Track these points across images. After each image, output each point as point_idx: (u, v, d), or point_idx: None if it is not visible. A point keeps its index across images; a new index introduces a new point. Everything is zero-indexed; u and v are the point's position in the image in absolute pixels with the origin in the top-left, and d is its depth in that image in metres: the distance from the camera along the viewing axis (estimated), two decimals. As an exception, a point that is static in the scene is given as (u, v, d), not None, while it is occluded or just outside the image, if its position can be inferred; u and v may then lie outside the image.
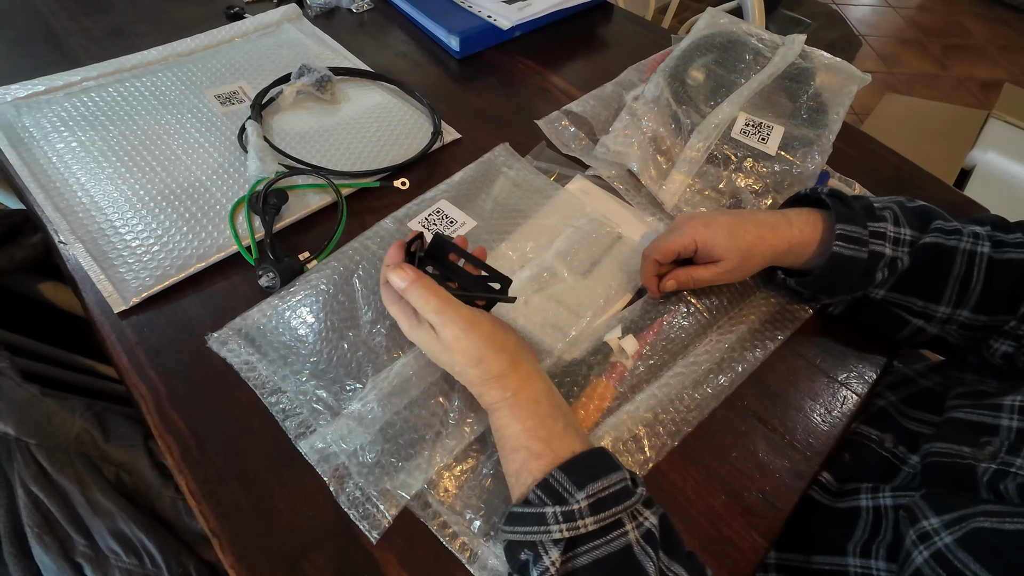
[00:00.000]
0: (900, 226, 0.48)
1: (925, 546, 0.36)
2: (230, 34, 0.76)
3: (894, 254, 0.47)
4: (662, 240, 0.51)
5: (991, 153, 1.56)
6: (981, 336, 0.48)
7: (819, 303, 0.54)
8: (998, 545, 0.33)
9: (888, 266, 0.48)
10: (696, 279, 0.51)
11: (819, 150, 0.62)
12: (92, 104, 0.64)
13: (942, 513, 0.37)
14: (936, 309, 0.48)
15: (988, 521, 0.35)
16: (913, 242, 0.48)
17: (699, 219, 0.51)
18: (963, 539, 0.34)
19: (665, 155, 0.63)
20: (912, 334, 0.50)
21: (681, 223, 0.51)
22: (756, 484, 0.45)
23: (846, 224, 0.47)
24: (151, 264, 0.51)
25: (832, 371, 0.52)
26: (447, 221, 0.58)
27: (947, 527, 0.36)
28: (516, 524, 0.36)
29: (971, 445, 0.41)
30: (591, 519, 0.34)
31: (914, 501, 0.39)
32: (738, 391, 0.50)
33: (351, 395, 0.46)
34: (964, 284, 0.46)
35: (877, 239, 0.47)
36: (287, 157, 0.60)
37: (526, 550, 0.35)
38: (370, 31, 0.82)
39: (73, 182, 0.56)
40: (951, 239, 0.47)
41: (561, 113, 0.69)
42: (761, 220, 0.50)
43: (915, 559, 0.36)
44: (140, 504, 0.46)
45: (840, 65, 0.69)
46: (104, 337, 0.48)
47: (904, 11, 2.70)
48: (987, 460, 0.39)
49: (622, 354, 0.50)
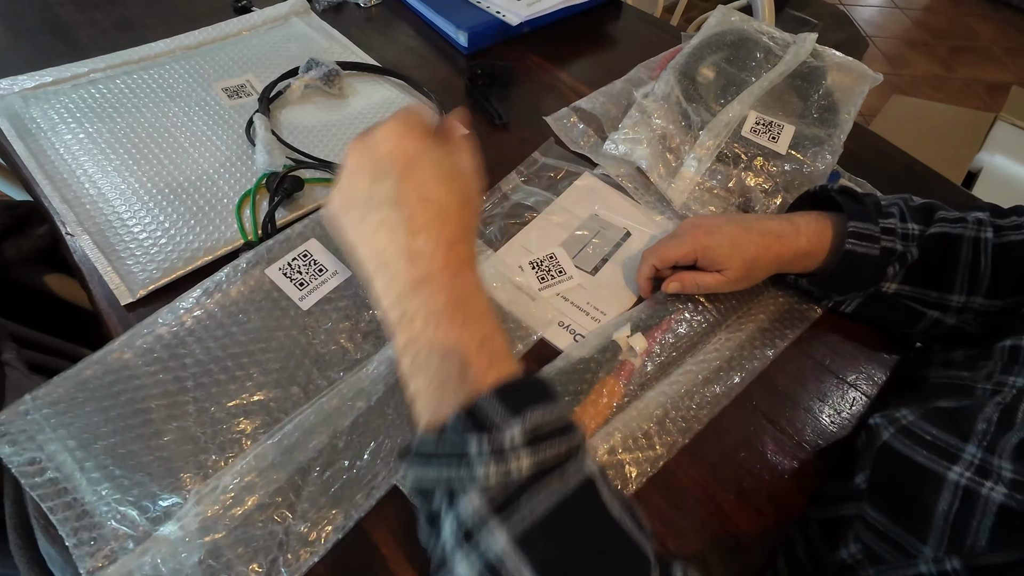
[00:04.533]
0: (907, 221, 0.48)
1: (893, 426, 0.39)
2: (238, 27, 0.75)
3: (904, 249, 0.47)
4: (663, 246, 0.51)
5: (998, 156, 1.55)
6: (1000, 322, 0.47)
7: (831, 301, 0.53)
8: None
9: (898, 260, 0.48)
10: (700, 285, 0.51)
11: (830, 149, 0.61)
12: (99, 96, 0.64)
13: (915, 408, 0.40)
14: (950, 298, 0.48)
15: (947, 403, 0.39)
16: (920, 235, 0.48)
17: (703, 228, 0.50)
18: (924, 414, 0.38)
19: (674, 153, 0.62)
20: (929, 326, 0.50)
21: (685, 230, 0.51)
22: (765, 485, 0.45)
23: (859, 221, 0.47)
24: (159, 257, 0.51)
25: (841, 372, 0.52)
26: (315, 268, 0.51)
27: (913, 412, 0.39)
28: (426, 459, 0.28)
29: (970, 369, 0.43)
30: (528, 460, 0.26)
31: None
32: (746, 391, 0.49)
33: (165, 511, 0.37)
34: (973, 270, 0.46)
35: (888, 235, 0.47)
36: (294, 151, 0.60)
37: (439, 492, 0.28)
38: (378, 26, 0.81)
39: (80, 173, 0.56)
40: (956, 227, 0.47)
41: (570, 110, 0.69)
42: (767, 229, 0.50)
43: (882, 435, 0.39)
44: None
45: (852, 64, 0.68)
46: (111, 329, 0.48)
47: (911, 12, 2.69)
48: (983, 382, 0.41)
49: (631, 352, 0.49)
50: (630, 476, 0.43)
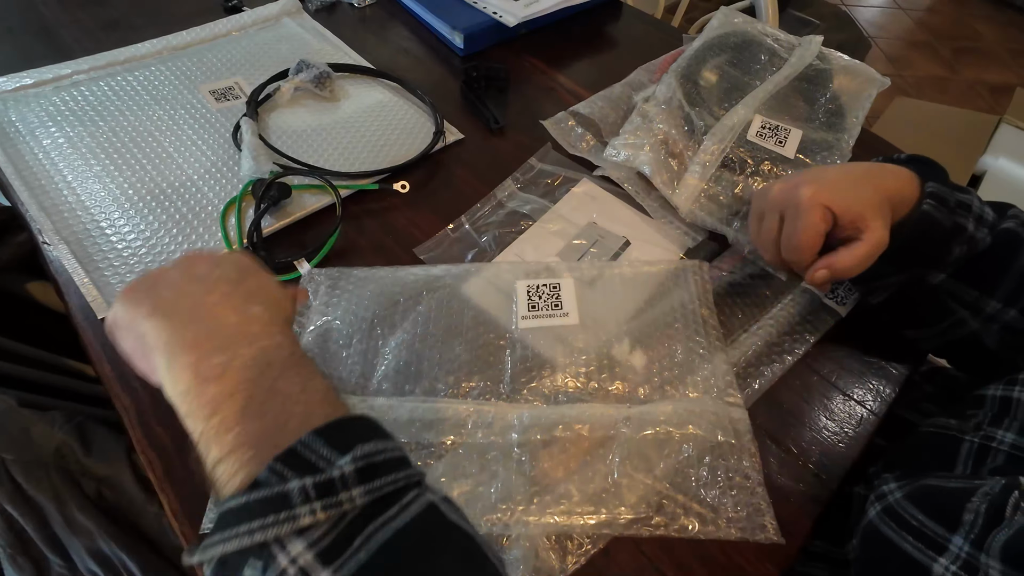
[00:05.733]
0: (984, 205, 0.44)
1: (880, 502, 0.37)
2: (227, 28, 0.73)
3: (975, 231, 0.43)
4: (798, 232, 0.41)
5: (1002, 159, 1.54)
6: (1019, 343, 0.45)
7: (871, 286, 0.49)
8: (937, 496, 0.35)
9: (968, 243, 0.43)
10: (860, 259, 0.41)
11: (839, 154, 0.59)
12: (82, 99, 0.62)
13: (901, 480, 0.37)
14: (988, 302, 0.44)
15: (935, 480, 0.36)
16: (994, 225, 0.44)
17: (809, 184, 0.41)
18: (910, 493, 0.36)
19: (677, 158, 0.60)
20: (950, 326, 0.47)
21: (793, 197, 0.42)
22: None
23: (937, 183, 0.43)
24: (137, 267, 0.49)
25: (848, 389, 0.50)
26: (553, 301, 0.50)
27: (900, 487, 0.37)
28: (234, 523, 0.22)
29: (958, 418, 0.41)
30: (359, 490, 0.23)
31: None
32: (751, 410, 0.47)
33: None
34: (1022, 280, 0.43)
35: (963, 210, 0.43)
36: (283, 156, 0.58)
37: (252, 559, 0.22)
38: (372, 27, 0.79)
39: (59, 180, 0.54)
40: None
41: (568, 114, 0.67)
42: (864, 169, 0.43)
43: (869, 513, 0.37)
44: (122, 520, 0.44)
45: (858, 67, 0.66)
46: (87, 343, 0.46)
47: (914, 13, 2.67)
48: (971, 433, 0.39)
49: (629, 369, 0.47)
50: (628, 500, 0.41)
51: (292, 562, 0.21)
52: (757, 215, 0.47)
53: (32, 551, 0.39)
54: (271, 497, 0.22)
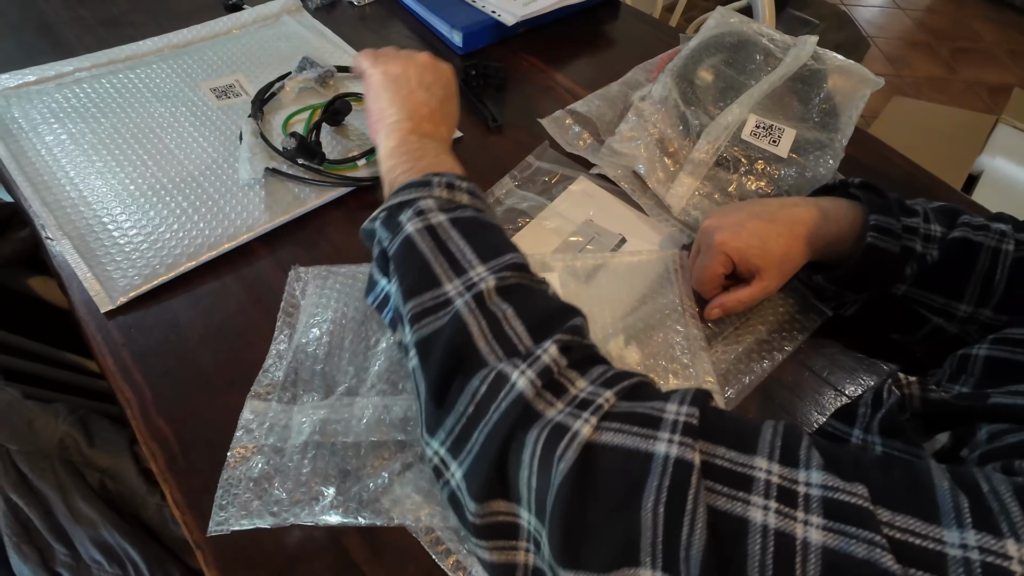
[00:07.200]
0: (930, 222, 0.46)
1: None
2: (228, 25, 0.74)
3: (924, 251, 0.45)
4: (703, 271, 0.50)
5: (999, 159, 1.54)
6: None
7: (837, 302, 0.51)
8: None
9: (917, 261, 0.45)
10: (743, 301, 0.49)
11: (832, 154, 0.60)
12: (84, 96, 0.62)
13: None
14: (957, 307, 0.46)
15: None
16: (942, 238, 0.46)
17: (726, 229, 0.48)
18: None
19: (673, 157, 0.61)
20: (930, 332, 0.48)
21: (709, 241, 0.49)
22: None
23: (881, 215, 0.45)
24: (139, 262, 0.50)
25: (840, 385, 0.51)
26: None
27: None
28: (401, 192, 0.40)
29: None
30: (465, 187, 0.41)
31: None
32: (742, 404, 0.48)
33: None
34: (987, 281, 0.45)
35: (910, 234, 0.45)
36: (283, 156, 0.58)
37: (406, 208, 0.38)
38: (371, 25, 0.80)
39: (62, 176, 0.55)
40: (978, 235, 0.45)
41: (565, 112, 0.68)
42: (794, 218, 0.47)
43: None
44: (124, 511, 0.44)
45: (853, 68, 0.67)
46: (90, 337, 0.47)
47: (913, 13, 2.67)
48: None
49: (620, 361, 0.48)
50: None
51: (427, 207, 0.38)
52: (696, 243, 0.53)
53: (37, 540, 0.40)
54: (421, 182, 0.40)
